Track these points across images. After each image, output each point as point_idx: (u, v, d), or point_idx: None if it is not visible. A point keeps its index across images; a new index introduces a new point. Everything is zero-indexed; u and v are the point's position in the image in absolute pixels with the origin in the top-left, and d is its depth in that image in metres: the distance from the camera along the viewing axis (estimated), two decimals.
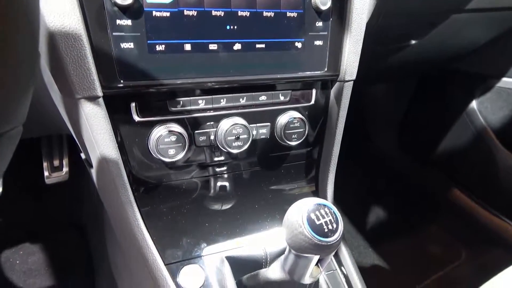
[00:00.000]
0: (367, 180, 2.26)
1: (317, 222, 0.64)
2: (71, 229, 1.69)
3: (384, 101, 2.22)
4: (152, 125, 0.81)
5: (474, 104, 1.88)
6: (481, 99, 1.87)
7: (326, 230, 0.64)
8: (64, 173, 1.67)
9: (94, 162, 0.81)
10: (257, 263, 0.89)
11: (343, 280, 0.96)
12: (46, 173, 1.65)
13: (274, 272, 0.76)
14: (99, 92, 0.71)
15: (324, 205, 0.67)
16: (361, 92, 2.02)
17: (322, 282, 0.92)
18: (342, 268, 0.97)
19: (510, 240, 1.85)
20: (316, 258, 0.67)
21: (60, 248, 1.63)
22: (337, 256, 0.99)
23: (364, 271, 1.88)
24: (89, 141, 0.78)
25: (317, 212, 0.65)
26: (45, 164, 1.64)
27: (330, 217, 0.66)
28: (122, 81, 0.73)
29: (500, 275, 1.17)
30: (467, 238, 1.98)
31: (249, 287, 0.84)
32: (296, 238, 0.65)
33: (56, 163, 1.68)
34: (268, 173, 0.98)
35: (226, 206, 0.94)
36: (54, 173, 1.65)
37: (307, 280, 0.72)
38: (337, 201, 2.10)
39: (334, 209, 0.68)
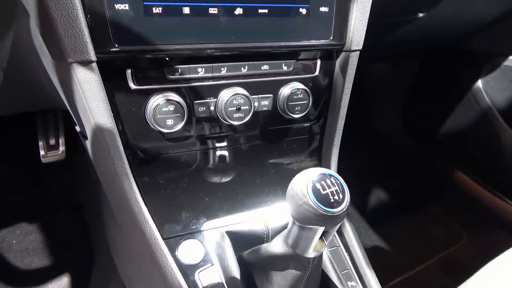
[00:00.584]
0: (368, 161, 2.23)
1: (323, 192, 0.61)
2: (68, 208, 1.66)
3: (387, 80, 2.18)
4: (149, 93, 0.77)
5: (479, 83, 1.84)
6: (487, 78, 1.83)
7: (332, 200, 0.61)
8: (60, 152, 1.64)
9: (88, 133, 0.78)
10: (259, 239, 0.86)
11: (347, 256, 0.93)
12: (42, 152, 1.61)
13: (276, 246, 0.73)
14: (93, 57, 0.67)
15: (330, 175, 0.64)
16: (364, 70, 1.97)
17: (325, 259, 0.90)
18: (346, 244, 0.95)
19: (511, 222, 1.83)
20: (321, 230, 0.64)
21: (58, 227, 1.61)
22: (340, 233, 0.97)
23: (365, 252, 1.87)
24: (83, 109, 0.74)
25: (322, 182, 0.62)
26: (40, 143, 1.60)
27: (336, 187, 0.63)
28: (116, 45, 0.69)
29: (501, 257, 1.15)
30: (469, 220, 1.96)
31: (250, 263, 0.81)
32: (300, 209, 0.62)
33: (52, 141, 1.64)
34: (270, 147, 0.94)
35: (226, 180, 0.91)
36: (50, 152, 1.62)
37: (310, 253, 0.69)
38: None
39: (341, 179, 0.64)
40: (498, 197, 1.85)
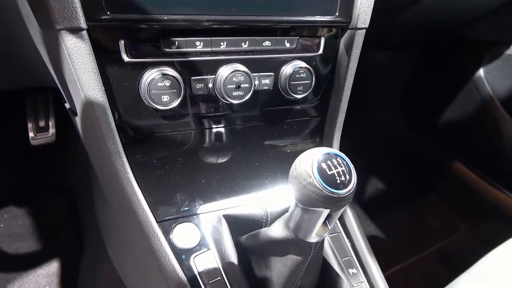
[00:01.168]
0: (365, 149, 2.20)
1: (329, 173, 0.58)
2: (58, 193, 1.61)
3: (387, 67, 2.14)
4: (143, 67, 0.72)
5: (481, 72, 1.81)
6: (489, 67, 1.80)
7: (338, 181, 0.58)
8: (50, 134, 1.58)
9: (78, 108, 0.73)
10: (257, 223, 0.83)
11: (348, 243, 0.90)
12: (31, 134, 1.56)
13: (276, 230, 0.69)
14: (83, 24, 0.62)
15: (336, 155, 0.60)
16: (363, 57, 1.93)
17: (326, 245, 0.86)
18: (347, 231, 0.91)
19: (510, 213, 1.82)
20: (325, 212, 0.60)
21: (47, 211, 1.56)
22: (341, 219, 0.94)
23: None
24: (72, 82, 0.69)
25: (328, 162, 0.58)
26: (30, 125, 1.55)
27: (343, 168, 0.59)
28: (108, 13, 0.64)
29: (499, 248, 1.13)
30: (467, 211, 1.95)
31: (248, 248, 0.78)
32: (304, 190, 0.58)
33: (42, 123, 1.58)
34: (270, 129, 0.90)
35: (224, 162, 0.86)
36: (39, 134, 1.56)
37: (313, 238, 0.65)
38: None
39: (347, 159, 0.61)
40: (497, 188, 1.84)
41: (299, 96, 0.86)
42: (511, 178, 1.79)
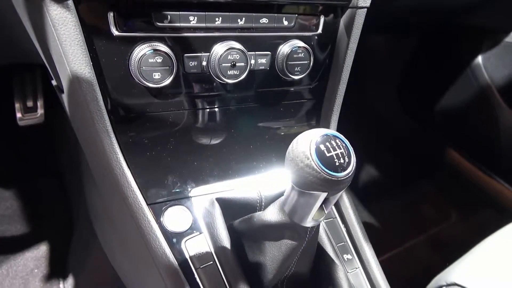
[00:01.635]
0: (360, 137, 2.18)
1: (327, 155, 0.55)
2: (47, 175, 1.57)
3: (384, 54, 2.11)
4: (134, 42, 0.68)
5: (479, 59, 1.78)
6: (488, 54, 1.77)
7: (337, 163, 0.55)
8: (39, 115, 1.54)
9: (64, 84, 0.69)
10: (251, 207, 0.80)
11: (343, 229, 0.88)
12: (18, 115, 1.51)
13: (271, 214, 0.67)
14: None
15: (335, 136, 0.58)
16: (360, 43, 1.90)
17: (321, 230, 0.85)
18: (342, 216, 0.90)
19: (502, 202, 1.82)
20: (323, 196, 0.58)
21: (35, 194, 1.53)
22: (337, 204, 0.92)
23: None
24: (58, 55, 0.65)
25: (327, 143, 0.56)
26: (17, 105, 1.50)
27: (342, 150, 0.56)
28: None
29: (495, 236, 1.13)
30: (459, 199, 1.95)
31: (241, 232, 0.76)
32: (301, 172, 0.55)
33: (30, 103, 1.53)
34: (266, 111, 0.87)
35: (217, 144, 0.83)
36: (27, 114, 1.52)
37: (309, 222, 0.63)
38: None
39: (347, 141, 0.58)
40: (491, 177, 1.84)
41: (296, 77, 0.83)
42: (506, 167, 1.78)
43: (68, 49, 0.63)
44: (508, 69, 1.74)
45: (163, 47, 0.69)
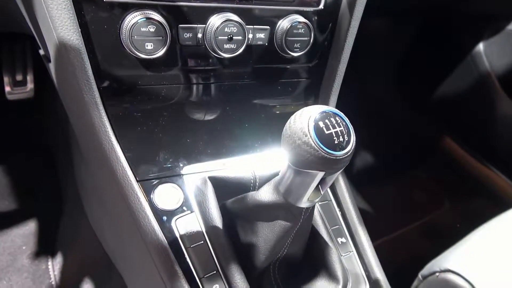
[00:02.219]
0: (355, 121, 2.16)
1: (326, 132, 0.53)
2: (36, 150, 1.53)
3: (382, 39, 2.06)
4: (125, 9, 0.64)
5: (480, 46, 1.75)
6: (489, 42, 1.75)
7: (336, 142, 0.53)
8: (28, 89, 1.49)
9: (51, 52, 0.66)
10: (244, 187, 0.78)
11: (338, 212, 0.87)
12: (7, 88, 1.46)
13: (265, 193, 0.65)
14: None
15: (335, 114, 0.55)
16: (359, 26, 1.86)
17: (316, 213, 0.83)
18: (338, 199, 0.88)
19: (496, 190, 1.82)
20: (319, 175, 0.56)
21: (24, 170, 1.49)
22: (332, 187, 0.90)
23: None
24: (45, 20, 0.61)
25: (326, 121, 0.53)
26: (6, 78, 1.45)
27: (342, 128, 0.54)
28: None
29: (486, 225, 1.12)
30: (453, 187, 1.95)
31: (234, 212, 0.74)
32: (299, 150, 0.53)
33: (19, 77, 1.49)
34: (263, 88, 0.84)
35: (211, 122, 0.80)
36: (17, 88, 1.47)
37: (304, 203, 0.61)
38: None
39: (346, 119, 0.56)
40: (486, 165, 1.83)
41: (295, 54, 0.80)
42: (501, 157, 1.78)
43: (55, 13, 0.59)
44: (509, 57, 1.71)
45: (156, 16, 0.65)
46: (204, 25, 0.71)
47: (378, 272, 0.87)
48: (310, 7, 0.80)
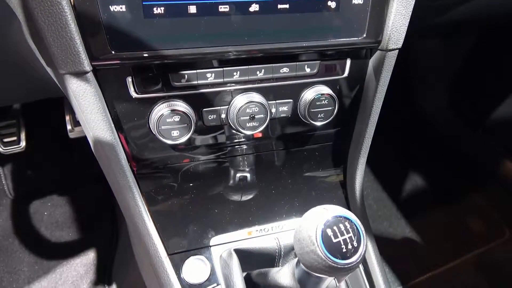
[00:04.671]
0: (406, 143, 2.07)
1: (334, 240, 0.53)
2: (95, 183, 1.68)
3: (435, 56, 1.95)
4: (152, 102, 0.70)
5: None
6: None
7: (344, 250, 0.53)
8: None
9: (90, 143, 0.73)
10: (270, 256, 0.81)
11: (365, 277, 0.86)
12: (69, 127, 1.61)
13: (284, 277, 0.67)
14: (87, 66, 0.61)
15: (346, 218, 0.55)
16: (407, 45, 1.77)
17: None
18: (367, 269, 0.87)
19: None
20: (329, 279, 0.57)
21: (86, 202, 1.64)
22: None
23: (394, 243, 1.78)
24: (82, 120, 0.69)
25: (335, 228, 0.54)
26: (67, 118, 1.60)
27: (351, 234, 0.54)
28: (113, 52, 0.62)
29: None
30: None
31: (258, 284, 0.77)
32: (307, 256, 0.54)
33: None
34: (288, 156, 0.86)
35: (238, 192, 0.84)
36: (77, 127, 1.62)
37: None
38: (368, 164, 1.96)
39: (357, 223, 0.56)
40: None
41: (319, 123, 0.80)
42: None
43: (89, 117, 0.66)
44: None
45: (181, 106, 0.70)
46: (227, 107, 0.74)
47: None
48: (333, 76, 0.80)
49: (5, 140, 1.49)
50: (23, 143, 1.51)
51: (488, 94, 1.86)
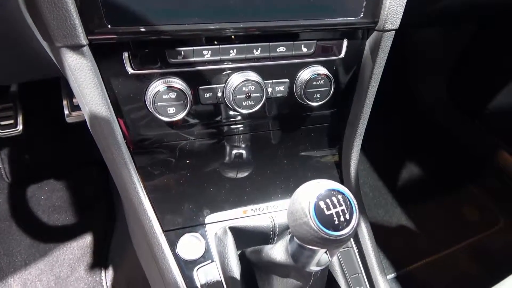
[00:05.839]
0: (403, 132, 2.07)
1: (327, 212, 0.54)
2: (92, 167, 1.68)
3: (433, 45, 1.95)
4: (149, 79, 0.70)
5: None
6: None
7: (336, 222, 0.54)
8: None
9: (86, 118, 0.73)
10: (264, 235, 0.82)
11: (359, 260, 0.87)
12: (66, 112, 1.61)
13: (278, 253, 0.68)
14: (83, 40, 0.61)
15: (339, 192, 0.56)
16: (405, 34, 1.76)
17: (335, 260, 0.84)
18: (360, 246, 0.88)
19: None
20: (322, 251, 0.57)
21: (83, 185, 1.65)
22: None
23: (390, 231, 1.80)
24: (78, 95, 0.69)
25: (327, 200, 0.55)
26: (64, 102, 1.60)
27: (343, 207, 0.55)
28: (109, 26, 0.62)
29: None
30: (509, 205, 1.81)
31: (252, 261, 0.77)
32: (300, 228, 0.55)
33: (75, 101, 1.63)
34: (284, 136, 0.86)
35: (233, 171, 0.84)
36: (74, 112, 1.61)
37: (313, 269, 0.63)
38: (365, 152, 1.96)
39: (350, 196, 0.56)
40: None
41: (315, 104, 0.80)
42: None
43: (85, 91, 0.66)
44: None
45: (177, 83, 0.70)
46: (223, 85, 0.75)
47: None
48: (330, 57, 0.80)
49: (2, 123, 1.49)
50: (20, 127, 1.51)
51: (485, 85, 1.86)
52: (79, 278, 1.41)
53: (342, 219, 0.54)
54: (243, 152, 0.84)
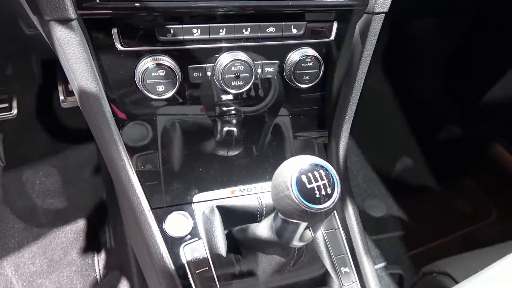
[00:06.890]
0: (398, 123, 2.08)
1: (308, 186, 0.55)
2: (87, 151, 1.68)
3: (428, 36, 1.95)
4: (138, 56, 0.71)
5: None
6: None
7: (318, 195, 0.55)
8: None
9: (76, 94, 0.74)
10: (251, 215, 0.82)
11: (345, 241, 0.88)
12: (61, 97, 1.61)
13: (263, 230, 0.69)
14: (72, 14, 0.61)
15: (321, 166, 0.57)
16: (400, 25, 1.76)
17: (321, 241, 0.85)
18: (346, 227, 0.89)
19: None
20: (304, 225, 0.58)
21: (77, 170, 1.65)
22: (341, 214, 0.91)
23: (385, 222, 1.81)
24: (67, 70, 0.69)
25: (309, 174, 0.55)
26: (60, 88, 1.60)
27: (325, 181, 0.56)
28: (98, 1, 0.62)
29: None
30: (502, 197, 1.82)
31: (238, 240, 0.78)
32: (282, 202, 0.56)
33: (71, 87, 1.63)
34: (274, 118, 0.87)
35: (222, 151, 0.85)
36: (69, 97, 1.62)
37: (296, 244, 0.64)
38: (359, 143, 1.97)
39: (332, 171, 0.57)
40: None
41: (304, 86, 0.81)
42: None
43: (74, 66, 0.66)
44: None
45: (165, 61, 0.70)
46: (213, 64, 0.75)
47: None
48: (320, 39, 0.80)
49: None
50: (14, 111, 1.51)
51: (481, 77, 1.87)
52: (72, 261, 1.42)
53: (323, 193, 0.55)
54: (233, 132, 0.84)
